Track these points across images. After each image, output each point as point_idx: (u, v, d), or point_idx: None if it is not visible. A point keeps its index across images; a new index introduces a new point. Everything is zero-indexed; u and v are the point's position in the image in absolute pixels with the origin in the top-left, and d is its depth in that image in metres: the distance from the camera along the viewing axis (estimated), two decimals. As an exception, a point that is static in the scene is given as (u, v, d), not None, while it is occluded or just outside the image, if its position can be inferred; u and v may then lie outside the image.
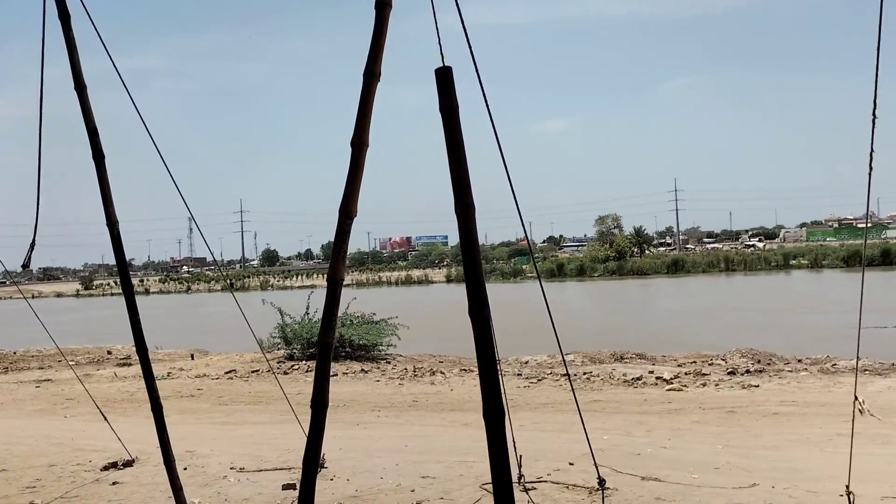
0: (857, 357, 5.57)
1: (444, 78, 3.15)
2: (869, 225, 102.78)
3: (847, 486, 5.86)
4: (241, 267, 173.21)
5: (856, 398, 5.42)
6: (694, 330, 29.11)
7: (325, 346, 3.90)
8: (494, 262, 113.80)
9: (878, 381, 11.53)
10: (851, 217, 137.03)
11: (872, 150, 4.37)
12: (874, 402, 10.02)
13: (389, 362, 17.29)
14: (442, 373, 15.04)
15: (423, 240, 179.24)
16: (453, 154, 3.12)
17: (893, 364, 14.14)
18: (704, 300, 46.97)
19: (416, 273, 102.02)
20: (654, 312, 43.32)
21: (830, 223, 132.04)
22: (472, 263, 3.09)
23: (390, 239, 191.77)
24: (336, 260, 3.86)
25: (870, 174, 4.51)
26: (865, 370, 13.01)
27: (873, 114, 4.22)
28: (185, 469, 7.86)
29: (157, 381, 4.99)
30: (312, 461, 3.98)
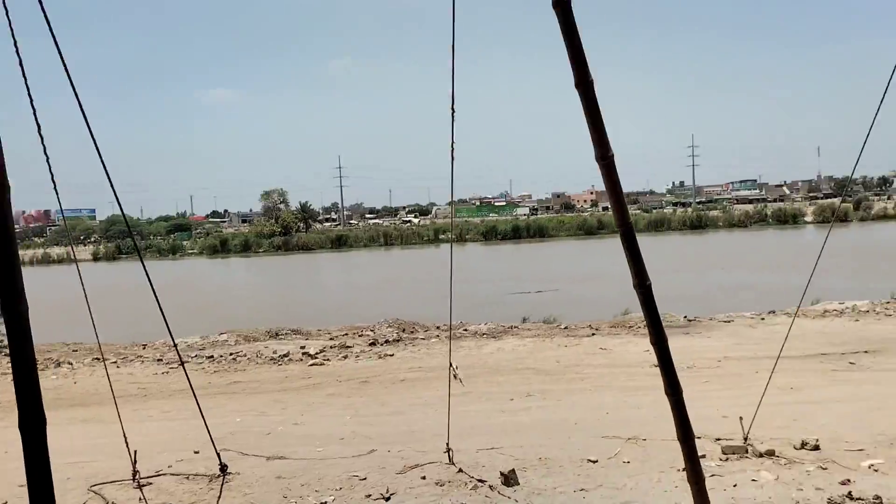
0: (450, 325, 6.18)
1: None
2: (503, 203, 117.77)
3: (447, 444, 6.52)
4: None
5: (451, 365, 6.00)
6: (354, 302, 30.36)
7: None
8: (151, 237, 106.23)
9: (491, 343, 13.07)
10: (490, 197, 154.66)
11: (453, 141, 4.79)
12: (485, 363, 11.35)
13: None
14: (70, 363, 13.52)
15: (67, 213, 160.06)
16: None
17: (512, 326, 16.19)
18: (367, 273, 49.26)
19: (57, 251, 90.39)
20: (319, 287, 44.28)
21: (473, 202, 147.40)
22: (7, 253, 2.68)
23: (24, 212, 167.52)
24: None
25: (452, 163, 4.96)
26: (485, 334, 14.67)
27: (452, 108, 4.62)
28: None
29: None
30: None
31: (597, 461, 6.32)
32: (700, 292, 26.71)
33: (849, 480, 5.39)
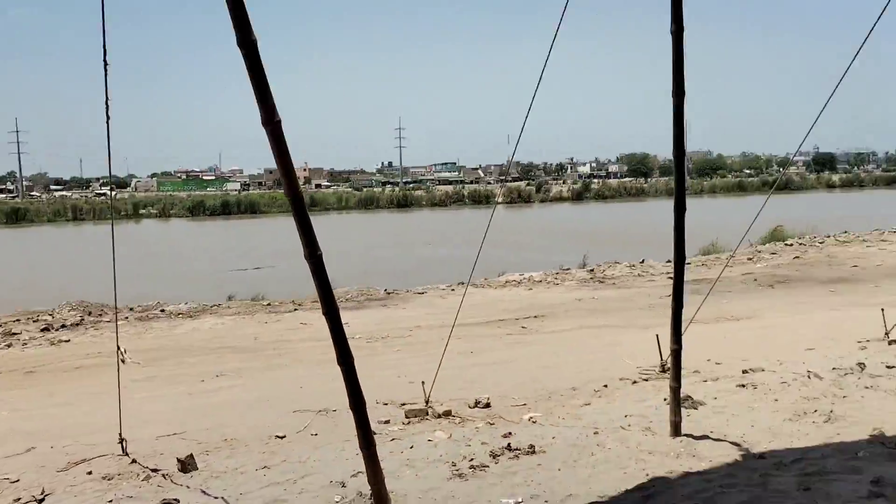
0: (115, 306, 5.65)
1: None
2: (212, 177, 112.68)
3: (120, 434, 5.98)
4: None
5: (118, 348, 5.49)
6: (33, 284, 26.77)
7: None
8: None
9: (187, 323, 12.37)
10: (198, 170, 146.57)
11: (107, 98, 4.32)
12: (177, 344, 10.69)
13: None
14: None
15: None
16: None
17: (214, 305, 15.48)
18: (52, 252, 43.77)
19: None
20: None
21: (179, 175, 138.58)
22: None
23: None
24: None
25: (108, 123, 4.48)
26: (182, 314, 13.83)
27: (104, 61, 4.15)
28: None
29: None
30: None
31: (285, 436, 6.24)
32: (405, 266, 27.99)
33: (510, 433, 5.95)
